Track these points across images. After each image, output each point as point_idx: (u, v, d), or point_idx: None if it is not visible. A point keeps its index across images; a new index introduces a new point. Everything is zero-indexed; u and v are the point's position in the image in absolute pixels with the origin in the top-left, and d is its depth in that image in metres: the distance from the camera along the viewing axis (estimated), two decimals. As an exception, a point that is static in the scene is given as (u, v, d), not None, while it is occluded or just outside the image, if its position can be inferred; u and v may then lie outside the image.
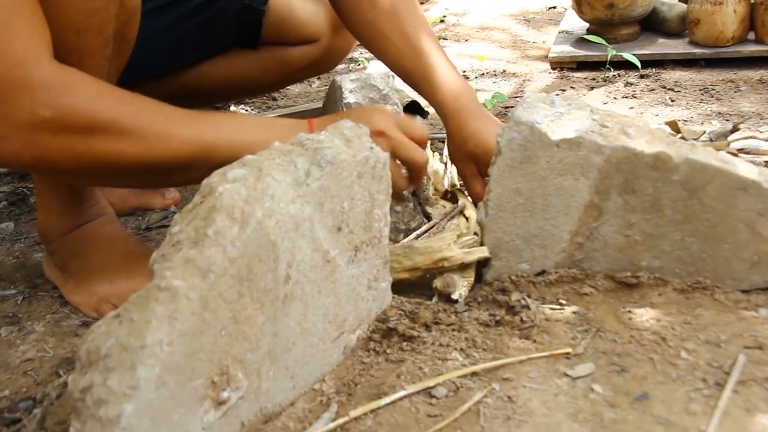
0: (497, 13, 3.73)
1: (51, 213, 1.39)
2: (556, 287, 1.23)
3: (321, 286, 1.04)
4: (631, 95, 2.36)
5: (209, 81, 1.77)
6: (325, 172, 1.01)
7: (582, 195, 1.19)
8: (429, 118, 2.26)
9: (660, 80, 2.47)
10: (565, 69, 2.73)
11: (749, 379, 1.01)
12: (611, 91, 2.42)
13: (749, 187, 1.14)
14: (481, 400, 1.00)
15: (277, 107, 2.60)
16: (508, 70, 2.85)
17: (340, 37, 1.84)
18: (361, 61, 3.09)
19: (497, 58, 3.02)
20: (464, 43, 3.32)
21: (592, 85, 2.52)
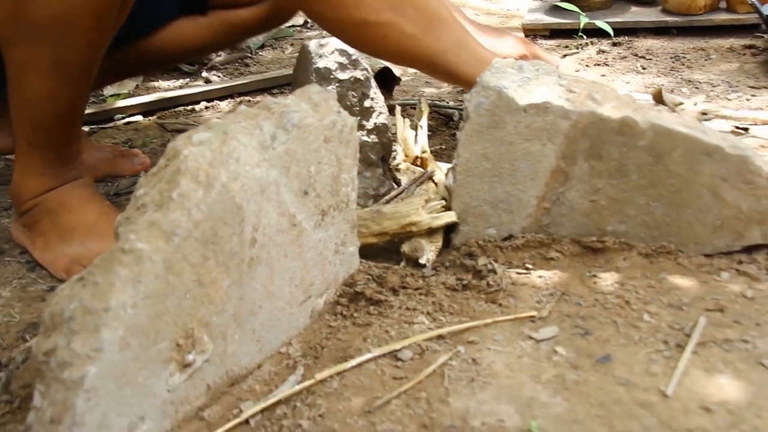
0: (472, -19, 3.71)
1: (29, 174, 1.37)
2: (523, 252, 1.24)
3: (287, 250, 1.04)
4: (603, 63, 2.36)
5: (161, 50, 1.75)
6: (291, 135, 1.01)
7: (549, 160, 1.20)
8: (401, 85, 2.26)
9: (632, 48, 2.48)
10: (539, 36, 2.73)
11: (709, 340, 1.03)
12: (584, 58, 2.42)
13: (713, 152, 1.15)
14: (446, 362, 1.01)
15: (249, 73, 2.58)
16: (481, 37, 2.84)
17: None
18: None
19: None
20: (438, 10, 3.30)
21: (565, 52, 2.52)
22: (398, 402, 0.95)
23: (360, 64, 1.44)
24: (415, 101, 2.00)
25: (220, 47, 1.97)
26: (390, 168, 1.52)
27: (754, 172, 1.15)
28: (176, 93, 2.35)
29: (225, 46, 1.98)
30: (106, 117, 2.20)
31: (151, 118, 2.22)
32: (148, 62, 1.81)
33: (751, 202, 1.16)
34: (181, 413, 0.92)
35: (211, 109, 2.27)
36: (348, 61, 1.42)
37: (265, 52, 2.85)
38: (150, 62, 1.83)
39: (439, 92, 2.23)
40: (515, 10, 3.19)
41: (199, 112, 2.25)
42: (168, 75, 2.59)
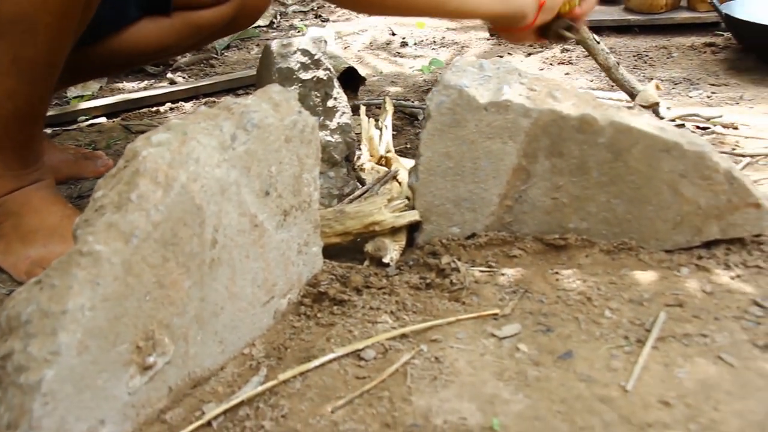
0: (438, -20, 3.72)
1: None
2: (486, 250, 1.25)
3: (249, 250, 1.03)
4: (567, 61, 2.38)
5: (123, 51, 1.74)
6: (252, 136, 1.00)
7: (510, 158, 1.21)
8: (366, 84, 2.26)
9: (596, 46, 2.49)
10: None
11: (669, 335, 1.04)
12: (548, 57, 2.44)
13: (672, 149, 1.16)
14: (408, 361, 1.01)
15: (214, 74, 2.57)
16: (447, 37, 2.85)
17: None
18: (300, 27, 3.06)
19: (437, 26, 3.02)
20: (404, 9, 3.31)
21: (529, 51, 2.53)
22: (361, 401, 0.95)
23: (322, 64, 1.43)
24: (380, 101, 2.00)
25: (184, 49, 1.94)
26: (354, 167, 1.52)
27: (711, 167, 1.16)
28: (141, 94, 2.33)
29: (190, 47, 1.96)
30: (70, 119, 2.18)
31: (116, 119, 2.20)
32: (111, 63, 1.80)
33: (709, 198, 1.18)
34: (142, 416, 0.91)
35: (176, 111, 2.26)
36: (310, 61, 1.42)
37: (231, 52, 2.84)
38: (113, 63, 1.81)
39: (404, 91, 2.24)
40: (481, 10, 3.20)
41: (164, 113, 2.24)
42: (132, 76, 2.58)
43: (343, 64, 2.06)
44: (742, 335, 1.04)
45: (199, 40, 1.89)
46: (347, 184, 1.47)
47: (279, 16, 3.30)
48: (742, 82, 2.06)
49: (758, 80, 2.03)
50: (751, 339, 1.03)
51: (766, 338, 1.03)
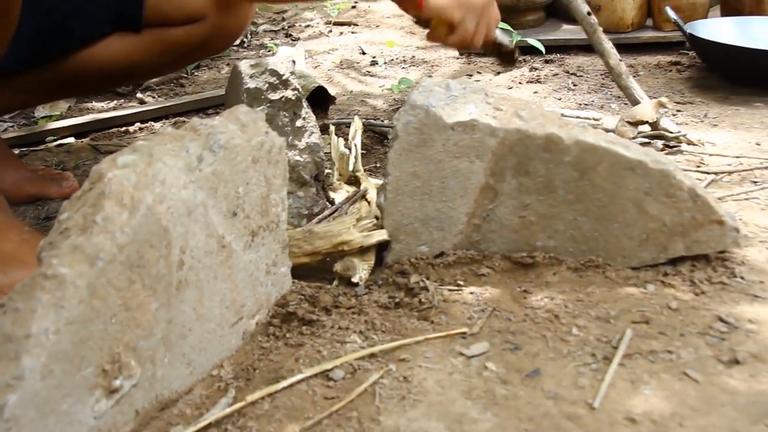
0: None
1: None
2: (455, 269, 1.25)
3: (217, 271, 1.03)
4: (536, 80, 2.40)
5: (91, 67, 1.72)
6: (218, 157, 1.00)
7: (477, 177, 1.22)
8: (336, 104, 2.27)
9: (564, 65, 2.52)
10: (473, 55, 2.76)
11: (635, 352, 1.05)
12: (516, 76, 2.46)
13: (636, 167, 1.17)
14: (377, 381, 1.01)
15: (184, 93, 2.56)
16: (417, 56, 2.87)
17: (230, 16, 1.80)
18: (270, 47, 3.07)
19: (407, 45, 3.04)
20: (375, 29, 3.33)
21: (498, 70, 2.55)
22: (329, 422, 0.95)
23: (291, 84, 1.44)
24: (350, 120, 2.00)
25: (155, 67, 1.93)
26: (323, 187, 1.52)
27: (675, 185, 1.17)
28: (110, 114, 2.32)
29: (161, 66, 1.95)
30: (37, 139, 2.17)
31: (84, 139, 2.19)
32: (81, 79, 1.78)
33: (673, 215, 1.19)
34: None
35: (146, 130, 2.25)
36: (279, 81, 1.42)
37: (201, 72, 2.84)
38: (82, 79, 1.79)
39: (374, 111, 2.25)
40: (450, 29, 3.23)
41: (134, 133, 2.23)
42: (102, 96, 2.57)
43: (313, 84, 2.07)
44: (707, 351, 1.05)
45: (171, 60, 1.88)
46: (316, 203, 1.47)
47: (249, 36, 3.31)
48: (707, 100, 2.08)
49: (722, 98, 2.06)
50: (716, 355, 1.04)
51: (730, 354, 1.04)
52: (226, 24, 1.84)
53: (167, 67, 1.98)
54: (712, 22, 2.35)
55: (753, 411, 0.93)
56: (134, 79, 2.40)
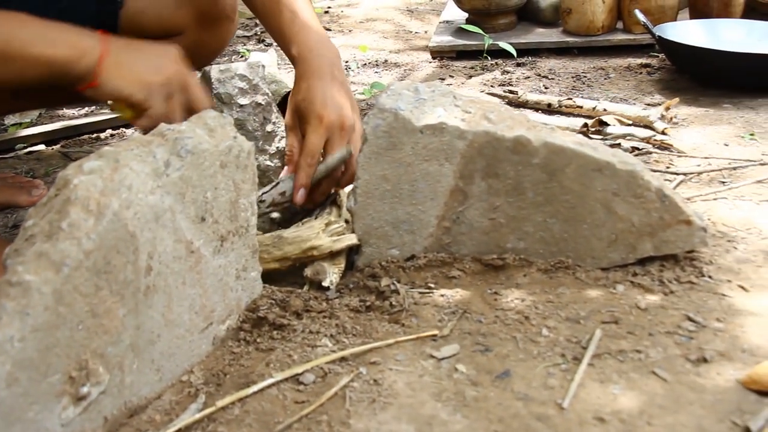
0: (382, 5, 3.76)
1: None
2: (425, 271, 1.26)
3: (185, 277, 1.03)
4: (508, 83, 2.41)
5: None
6: (186, 162, 1.00)
7: (447, 180, 1.22)
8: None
9: (535, 68, 2.54)
10: (446, 58, 2.77)
11: (604, 352, 1.06)
12: (489, 79, 2.47)
13: (604, 168, 1.18)
14: (347, 384, 1.01)
15: (156, 100, 2.55)
16: (390, 60, 2.87)
17: (210, 33, 1.79)
18: (243, 52, 3.06)
19: (380, 48, 3.04)
20: (348, 34, 3.33)
21: (471, 73, 2.56)
22: (299, 426, 0.95)
23: (261, 89, 1.44)
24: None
25: None
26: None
27: (643, 186, 1.18)
28: (81, 121, 2.31)
29: None
30: (7, 146, 2.15)
31: (55, 147, 2.17)
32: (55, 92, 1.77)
33: (641, 216, 1.20)
34: (76, 448, 0.90)
35: (117, 137, 2.24)
36: (248, 86, 1.42)
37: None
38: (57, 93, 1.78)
39: (347, 115, 2.25)
40: (423, 33, 3.24)
41: (105, 140, 2.22)
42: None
43: (285, 89, 2.07)
44: (675, 350, 1.06)
45: None
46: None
47: (222, 41, 3.30)
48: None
49: (691, 100, 2.08)
50: (684, 354, 1.05)
51: (698, 352, 1.05)
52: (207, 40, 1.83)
53: None
54: (680, 25, 2.38)
55: (720, 408, 0.94)
56: None
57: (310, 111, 1.31)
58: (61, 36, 1.15)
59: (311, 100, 1.32)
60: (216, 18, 1.77)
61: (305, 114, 1.32)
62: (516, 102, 2.18)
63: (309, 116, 1.31)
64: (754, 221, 1.38)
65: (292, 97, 1.38)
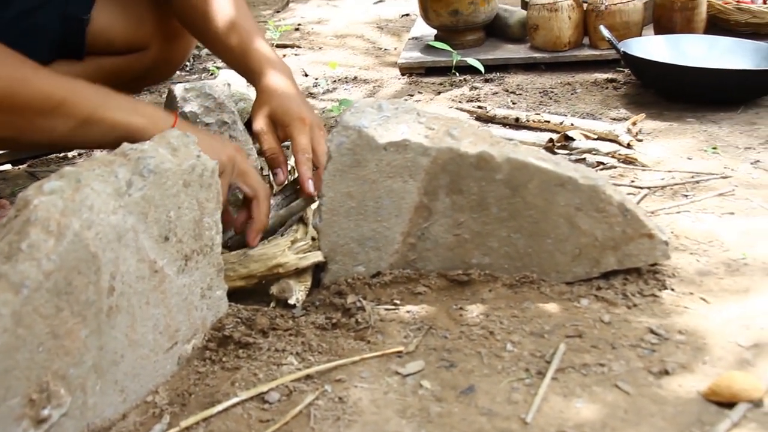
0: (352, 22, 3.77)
1: None
2: (391, 288, 1.26)
3: (149, 296, 1.03)
4: (476, 98, 2.42)
5: None
6: (148, 181, 1.00)
7: (411, 196, 1.23)
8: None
9: (504, 84, 2.56)
10: (415, 75, 2.79)
11: (568, 366, 1.06)
12: (457, 95, 2.48)
13: (566, 183, 1.19)
14: (312, 402, 1.01)
15: (125, 118, 2.54)
16: (360, 76, 2.88)
17: (173, 46, 1.82)
18: (212, 70, 3.06)
19: (350, 65, 3.05)
20: (318, 51, 3.34)
21: (440, 89, 2.58)
22: (263, 445, 0.95)
23: (227, 107, 1.44)
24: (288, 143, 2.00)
25: None
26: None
27: (605, 200, 1.20)
28: (48, 140, 2.29)
29: None
30: (-27, 167, 2.14)
31: (21, 166, 2.16)
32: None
33: (604, 230, 1.21)
34: (37, 471, 0.89)
35: (85, 156, 2.23)
36: (214, 105, 1.43)
37: (142, 96, 2.82)
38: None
39: (315, 132, 2.25)
40: (393, 50, 3.25)
41: (72, 159, 2.20)
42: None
43: (253, 106, 2.07)
44: (638, 363, 1.07)
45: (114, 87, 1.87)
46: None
47: (192, 59, 3.30)
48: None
49: (656, 114, 2.10)
50: (647, 366, 1.06)
51: (660, 365, 1.06)
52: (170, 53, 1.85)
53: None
54: (645, 40, 2.40)
55: (680, 420, 0.95)
56: None
57: (291, 115, 1.38)
58: (140, 107, 1.27)
59: (288, 106, 1.39)
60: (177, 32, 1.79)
61: (284, 118, 1.38)
62: (484, 117, 2.20)
63: (291, 119, 1.38)
64: (716, 234, 1.40)
65: (262, 105, 1.41)
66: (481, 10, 2.72)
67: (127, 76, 1.81)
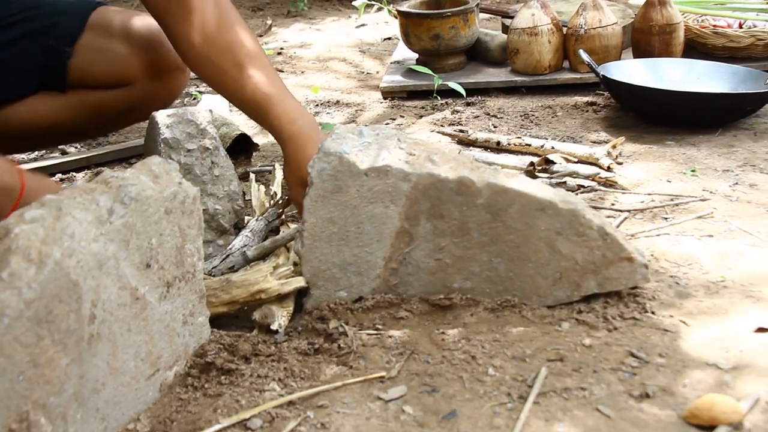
0: (334, 45, 3.78)
1: None
2: (374, 313, 1.26)
3: (131, 324, 1.02)
4: (458, 122, 2.44)
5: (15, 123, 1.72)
6: (130, 209, 1.00)
7: (393, 222, 1.23)
8: (260, 150, 2.27)
9: (485, 107, 2.57)
10: (397, 98, 2.80)
11: (550, 390, 1.07)
12: (439, 118, 2.50)
13: (547, 207, 1.20)
14: (294, 428, 1.02)
15: (107, 143, 2.54)
16: (342, 100, 2.89)
17: (162, 84, 1.80)
18: (195, 95, 3.07)
19: (333, 89, 3.06)
20: (300, 75, 3.35)
21: (422, 113, 2.59)
22: (245, 472, 0.94)
23: (208, 133, 1.44)
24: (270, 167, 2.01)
25: (83, 129, 1.92)
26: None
27: (585, 224, 1.21)
28: (30, 165, 2.29)
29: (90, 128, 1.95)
30: (-46, 193, 2.12)
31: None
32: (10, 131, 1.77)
33: (585, 254, 1.22)
34: (17, 501, 0.88)
35: (67, 182, 2.22)
36: (196, 131, 1.43)
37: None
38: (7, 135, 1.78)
39: (298, 156, 2.26)
40: (375, 73, 3.27)
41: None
42: (22, 147, 2.52)
43: (236, 131, 2.07)
44: (618, 386, 1.07)
45: (100, 123, 1.88)
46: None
47: (174, 83, 3.30)
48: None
49: (636, 137, 2.12)
50: (627, 390, 1.06)
51: (641, 388, 1.06)
52: (158, 91, 1.84)
53: (97, 129, 1.98)
54: (624, 64, 2.43)
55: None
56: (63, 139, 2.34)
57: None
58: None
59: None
60: (167, 69, 1.78)
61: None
62: (466, 141, 2.21)
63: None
64: (695, 256, 1.41)
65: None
66: (462, 34, 2.74)
67: (112, 110, 1.81)
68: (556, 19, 2.60)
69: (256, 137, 2.24)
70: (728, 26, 2.65)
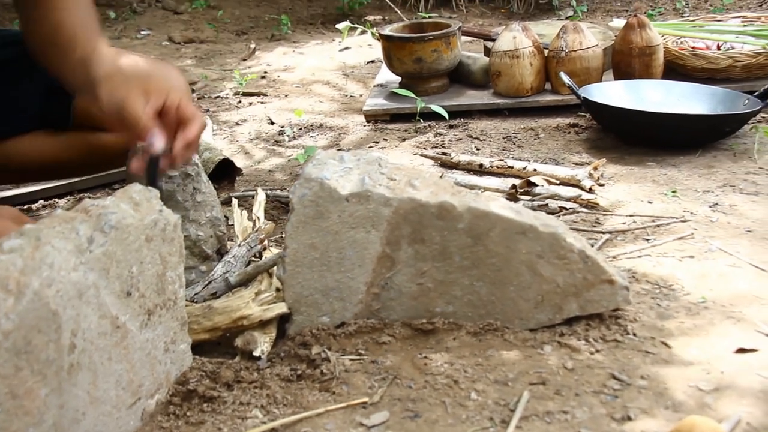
0: (318, 69, 3.80)
1: None
2: (356, 338, 1.26)
3: (111, 352, 1.02)
4: (440, 145, 2.45)
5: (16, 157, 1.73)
6: (110, 237, 1.00)
7: (374, 247, 1.24)
8: (244, 175, 2.27)
9: (468, 129, 2.58)
10: (380, 121, 2.81)
11: (532, 414, 1.07)
12: (422, 141, 2.51)
13: (528, 231, 1.21)
14: (276, 456, 1.01)
15: (90, 169, 2.54)
16: (325, 123, 2.90)
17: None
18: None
19: (316, 112, 3.07)
20: (284, 98, 3.36)
21: (405, 136, 2.60)
22: (227, 501, 0.94)
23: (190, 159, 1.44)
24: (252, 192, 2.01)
25: (80, 169, 1.93)
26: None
27: (565, 247, 1.21)
28: (12, 192, 2.27)
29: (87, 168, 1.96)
30: (-65, 220, 2.11)
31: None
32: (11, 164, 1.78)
33: (566, 276, 1.23)
34: None
35: (50, 208, 2.22)
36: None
37: (108, 146, 2.81)
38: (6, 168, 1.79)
39: (282, 180, 2.26)
40: (358, 96, 3.28)
41: (37, 210, 2.19)
42: (4, 173, 2.52)
43: (219, 156, 2.07)
44: (600, 409, 1.07)
45: (97, 163, 1.89)
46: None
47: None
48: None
49: (617, 158, 2.13)
50: (609, 413, 1.07)
51: (623, 411, 1.07)
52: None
53: (94, 168, 1.99)
54: (605, 86, 2.45)
55: (643, 467, 0.96)
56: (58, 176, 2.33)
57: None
58: None
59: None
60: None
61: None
62: (449, 163, 2.22)
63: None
64: (677, 277, 1.42)
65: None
66: (444, 57, 2.76)
67: (111, 152, 1.82)
68: (537, 41, 2.63)
69: (238, 162, 2.24)
70: (707, 48, 2.68)
